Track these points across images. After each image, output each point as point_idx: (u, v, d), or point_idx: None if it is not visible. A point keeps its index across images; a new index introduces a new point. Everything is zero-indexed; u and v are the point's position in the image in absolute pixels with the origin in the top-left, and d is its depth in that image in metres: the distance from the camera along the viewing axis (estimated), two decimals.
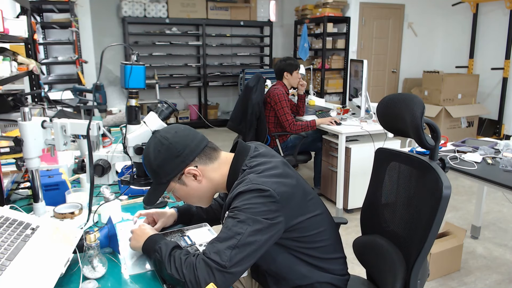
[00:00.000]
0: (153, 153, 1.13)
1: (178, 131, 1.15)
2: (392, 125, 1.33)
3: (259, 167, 1.12)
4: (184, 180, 1.16)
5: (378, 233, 1.38)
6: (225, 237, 1.01)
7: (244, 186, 1.06)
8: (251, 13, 6.88)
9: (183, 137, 1.14)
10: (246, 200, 1.04)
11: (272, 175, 1.09)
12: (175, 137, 1.13)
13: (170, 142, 1.12)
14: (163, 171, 1.14)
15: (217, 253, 0.99)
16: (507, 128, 5.95)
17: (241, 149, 1.20)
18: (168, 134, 1.14)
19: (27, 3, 3.08)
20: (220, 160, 1.20)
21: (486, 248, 2.87)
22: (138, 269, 1.15)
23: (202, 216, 1.43)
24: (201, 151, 1.16)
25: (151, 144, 1.14)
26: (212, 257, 0.99)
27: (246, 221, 1.01)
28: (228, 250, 0.99)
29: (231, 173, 1.17)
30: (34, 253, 1.02)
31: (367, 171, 1.47)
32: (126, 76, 1.20)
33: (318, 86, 6.78)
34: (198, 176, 1.15)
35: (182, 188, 1.17)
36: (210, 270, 0.98)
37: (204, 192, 1.19)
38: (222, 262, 0.98)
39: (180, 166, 1.13)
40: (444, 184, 1.09)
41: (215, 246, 1.01)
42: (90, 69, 5.56)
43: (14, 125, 2.18)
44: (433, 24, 7.03)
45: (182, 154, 1.12)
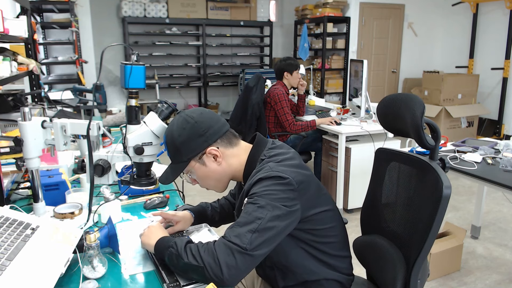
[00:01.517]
0: (177, 131, 1.14)
1: (203, 112, 1.18)
2: (392, 125, 1.33)
3: (278, 157, 1.15)
4: (204, 160, 1.17)
5: (378, 233, 1.38)
6: (245, 221, 1.02)
7: (264, 173, 1.08)
8: (251, 13, 6.87)
9: (208, 118, 1.17)
10: (266, 186, 1.06)
11: (290, 165, 1.12)
12: (200, 117, 1.16)
13: (196, 121, 1.15)
14: (185, 149, 1.15)
15: (238, 236, 1.00)
16: (507, 128, 5.95)
17: (260, 140, 1.23)
18: (194, 113, 1.17)
19: (27, 3, 3.08)
20: (239, 147, 1.22)
21: (486, 248, 2.87)
22: (138, 269, 1.15)
23: (215, 219, 1.44)
24: (224, 134, 1.18)
25: (176, 122, 1.16)
26: (232, 240, 1.00)
27: (266, 207, 1.03)
28: (248, 234, 1.00)
29: (249, 161, 1.19)
30: (34, 253, 1.02)
31: (367, 171, 1.47)
32: (126, 76, 1.20)
33: (318, 86, 6.78)
34: (219, 158, 1.17)
35: (201, 168, 1.18)
36: (230, 252, 0.98)
37: (222, 176, 1.21)
38: (243, 245, 0.99)
39: (203, 145, 1.15)
40: (444, 184, 1.09)
41: (235, 230, 1.02)
42: (90, 69, 5.56)
43: (14, 125, 2.18)
44: (433, 24, 7.03)
45: (206, 133, 1.15)
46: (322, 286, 1.21)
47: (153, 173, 1.32)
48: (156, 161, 1.69)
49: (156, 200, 1.57)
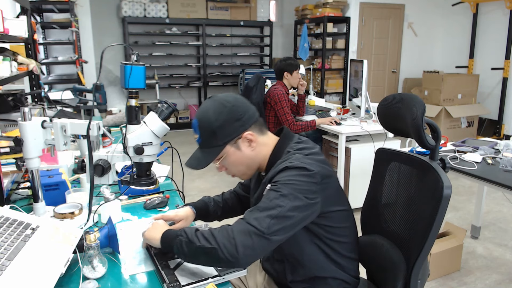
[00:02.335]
0: (214, 115, 1.13)
1: (238, 98, 1.18)
2: (393, 125, 1.33)
3: (305, 150, 1.16)
4: (239, 144, 1.16)
5: (378, 233, 1.38)
6: (265, 206, 1.03)
7: (290, 163, 1.09)
8: (251, 13, 6.87)
9: (243, 103, 1.17)
10: (291, 176, 1.06)
11: (317, 159, 1.13)
12: (236, 101, 1.16)
13: (233, 105, 1.14)
14: (222, 133, 1.13)
15: (256, 219, 1.01)
16: (507, 128, 5.95)
17: (287, 133, 1.24)
18: (229, 98, 1.16)
19: (27, 3, 3.08)
20: (268, 136, 1.23)
21: (486, 248, 2.86)
22: (138, 269, 1.15)
23: (217, 213, 1.45)
24: (256, 120, 1.19)
25: (211, 106, 1.14)
26: (251, 222, 1.00)
27: (288, 196, 1.03)
28: (267, 219, 1.00)
29: (275, 152, 1.19)
30: (34, 253, 1.02)
31: (367, 171, 1.47)
32: (126, 76, 1.20)
33: (318, 86, 6.78)
34: (253, 143, 1.17)
35: (235, 153, 1.17)
36: (248, 233, 0.99)
37: (253, 162, 1.20)
38: (261, 228, 0.99)
39: (239, 130, 1.15)
40: (445, 184, 1.09)
41: (254, 213, 1.03)
42: (90, 69, 5.56)
43: (14, 125, 2.18)
44: (433, 24, 7.03)
45: (242, 118, 1.14)
46: (328, 284, 1.21)
47: (153, 173, 1.32)
48: (156, 161, 1.70)
49: (156, 200, 1.57)
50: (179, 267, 1.11)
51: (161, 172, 1.89)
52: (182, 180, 1.69)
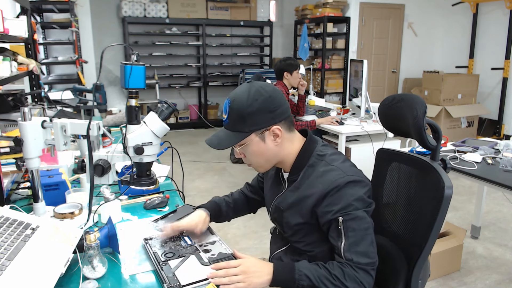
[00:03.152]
0: (248, 100, 1.10)
1: (276, 89, 1.15)
2: (394, 125, 1.33)
3: (338, 156, 1.17)
4: (265, 136, 1.14)
5: (379, 233, 1.38)
6: (359, 239, 1.06)
7: (339, 178, 1.09)
8: (251, 13, 6.88)
9: (280, 96, 1.14)
10: (353, 197, 1.07)
11: (353, 165, 1.16)
12: (273, 92, 1.13)
13: (270, 95, 1.11)
14: (252, 120, 1.11)
15: (365, 255, 1.06)
16: (507, 128, 5.95)
17: (312, 136, 1.23)
18: (268, 87, 1.13)
19: (27, 3, 3.08)
20: (295, 135, 1.21)
21: (486, 248, 2.86)
22: (138, 269, 1.15)
23: (229, 214, 1.44)
24: (288, 117, 1.17)
25: (248, 91, 1.11)
26: (363, 261, 1.06)
27: (363, 216, 1.08)
28: (371, 247, 1.08)
29: (302, 153, 1.18)
30: (34, 253, 1.02)
31: (367, 171, 1.47)
32: (126, 76, 1.20)
33: (318, 86, 6.78)
34: (278, 138, 1.15)
35: (259, 143, 1.14)
36: (367, 273, 1.06)
37: (274, 156, 1.18)
38: (373, 260, 1.07)
39: (270, 122, 1.12)
40: (446, 184, 1.09)
41: (356, 250, 1.06)
42: (90, 69, 5.56)
43: (14, 125, 2.18)
44: (433, 24, 7.03)
45: (276, 111, 1.12)
46: None
47: (153, 173, 1.32)
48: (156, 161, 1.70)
49: (156, 200, 1.57)
50: (179, 267, 1.11)
51: (161, 172, 1.89)
52: (182, 180, 1.69)
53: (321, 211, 1.10)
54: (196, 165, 4.79)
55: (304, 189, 1.14)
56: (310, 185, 1.13)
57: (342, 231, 1.07)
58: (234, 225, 3.23)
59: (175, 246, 1.22)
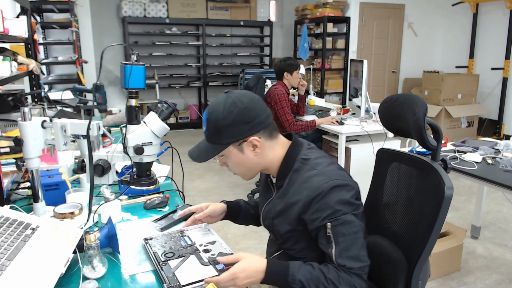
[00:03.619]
0: (224, 112, 1.09)
1: (253, 99, 1.13)
2: (394, 125, 1.33)
3: (323, 160, 1.16)
4: (243, 147, 1.14)
5: (379, 233, 1.38)
6: (349, 244, 1.06)
7: (323, 183, 1.07)
8: (251, 13, 6.87)
9: (257, 106, 1.12)
10: (339, 202, 1.06)
11: (339, 168, 1.16)
12: (250, 103, 1.11)
13: (245, 106, 1.10)
14: (227, 133, 1.11)
15: (356, 259, 1.07)
16: (507, 128, 5.95)
17: (297, 139, 1.23)
18: (244, 98, 1.11)
19: (27, 3, 3.08)
20: (278, 140, 1.20)
21: (486, 248, 2.86)
22: (138, 269, 1.15)
23: (250, 211, 1.45)
24: (267, 126, 1.15)
25: (224, 103, 1.10)
26: (356, 266, 1.06)
27: (351, 219, 1.07)
28: (361, 251, 1.08)
29: (287, 159, 1.18)
30: (34, 253, 1.02)
31: (367, 171, 1.47)
32: (126, 76, 1.20)
33: (318, 86, 6.78)
34: (258, 148, 1.14)
35: (237, 154, 1.15)
36: (360, 277, 1.07)
37: (255, 165, 1.18)
38: (365, 263, 1.08)
39: (246, 133, 1.11)
40: (447, 184, 1.09)
41: (347, 255, 1.06)
42: (90, 69, 5.56)
43: (14, 125, 2.18)
44: (433, 24, 7.03)
45: (252, 121, 1.11)
46: None
47: (153, 173, 1.32)
48: (156, 161, 1.70)
49: (156, 200, 1.57)
50: (179, 267, 1.11)
51: (161, 172, 1.89)
52: (182, 180, 1.69)
53: (309, 218, 1.09)
54: (196, 165, 4.79)
55: (290, 196, 1.14)
56: (296, 191, 1.13)
57: (331, 237, 1.06)
58: (234, 225, 3.21)
59: (175, 246, 1.22)
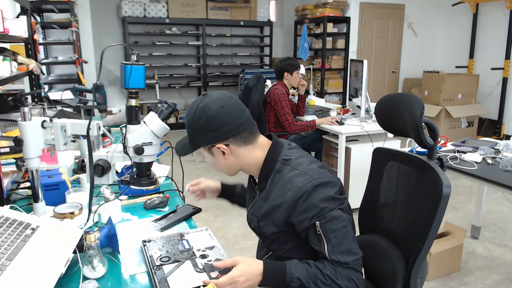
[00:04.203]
0: (194, 117, 1.13)
1: (225, 106, 1.11)
2: (391, 125, 1.33)
3: (304, 159, 1.17)
4: (213, 151, 1.16)
5: (376, 232, 1.38)
6: (340, 239, 1.07)
7: (307, 183, 1.08)
8: (251, 13, 6.87)
9: (226, 114, 1.11)
10: (324, 199, 1.08)
11: (321, 166, 1.16)
12: (218, 111, 1.10)
13: (212, 115, 1.10)
14: (196, 137, 1.15)
15: (349, 253, 1.08)
16: (507, 128, 5.95)
17: (277, 141, 1.23)
18: (214, 105, 1.10)
19: (27, 3, 3.08)
20: (255, 144, 1.19)
21: (486, 248, 2.86)
22: (138, 269, 1.15)
23: (244, 195, 1.50)
24: (238, 134, 1.14)
25: (196, 107, 1.13)
26: (350, 260, 1.07)
27: (338, 214, 1.08)
28: (353, 243, 1.09)
29: (267, 161, 1.18)
30: (34, 253, 1.02)
31: (367, 171, 1.48)
32: (126, 76, 1.20)
33: (318, 86, 6.78)
34: (227, 154, 1.16)
35: (209, 156, 1.19)
36: (356, 270, 1.08)
37: (230, 167, 1.21)
38: (358, 255, 1.10)
39: (212, 141, 1.14)
40: (444, 183, 1.09)
41: (340, 251, 1.07)
42: (90, 69, 5.56)
43: (14, 125, 2.18)
44: (433, 24, 7.03)
45: (218, 130, 1.12)
46: None
47: (153, 173, 1.32)
48: (156, 161, 1.70)
49: (156, 200, 1.57)
50: (173, 273, 1.09)
51: (161, 172, 1.89)
52: (182, 180, 1.69)
53: (296, 220, 1.09)
54: (196, 165, 4.79)
55: (274, 197, 1.14)
56: (279, 193, 1.13)
57: (322, 235, 1.07)
58: (234, 225, 3.23)
59: (171, 250, 1.21)
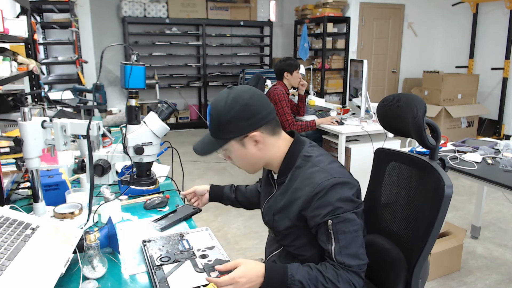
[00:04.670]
0: (225, 108, 1.10)
1: (254, 95, 1.13)
2: (393, 125, 1.33)
3: (325, 157, 1.16)
4: (245, 142, 1.14)
5: (377, 233, 1.38)
6: (349, 241, 1.07)
7: (325, 180, 1.08)
8: (251, 13, 6.88)
9: (258, 102, 1.13)
10: (341, 199, 1.07)
11: (340, 166, 1.16)
12: (251, 99, 1.11)
13: (246, 103, 1.10)
14: (229, 128, 1.12)
15: (355, 257, 1.07)
16: (507, 128, 5.95)
17: (299, 137, 1.23)
18: (246, 94, 1.12)
19: (27, 3, 3.08)
20: (280, 136, 1.20)
21: (486, 248, 2.86)
22: (138, 269, 1.15)
23: (230, 199, 1.55)
24: (268, 122, 1.15)
25: (225, 99, 1.11)
26: (354, 264, 1.06)
27: (352, 217, 1.08)
28: (360, 249, 1.09)
29: (289, 155, 1.18)
30: (34, 253, 1.02)
31: (367, 171, 1.47)
32: (126, 76, 1.20)
33: (318, 86, 6.78)
34: (260, 144, 1.15)
35: (240, 149, 1.16)
36: (358, 275, 1.07)
37: (258, 160, 1.19)
38: (364, 261, 1.08)
39: (247, 129, 1.12)
40: (446, 183, 1.09)
41: (347, 253, 1.06)
42: (90, 69, 5.56)
43: (14, 125, 2.18)
44: (433, 24, 7.03)
45: (253, 117, 1.11)
46: None
47: (153, 173, 1.32)
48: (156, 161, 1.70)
49: (156, 200, 1.57)
50: (173, 273, 1.09)
51: (161, 172, 1.89)
52: (182, 180, 1.69)
53: (310, 214, 1.10)
54: (196, 165, 4.79)
55: (292, 192, 1.14)
56: (298, 187, 1.13)
57: (332, 234, 1.07)
58: (234, 225, 3.23)
59: (172, 250, 1.20)
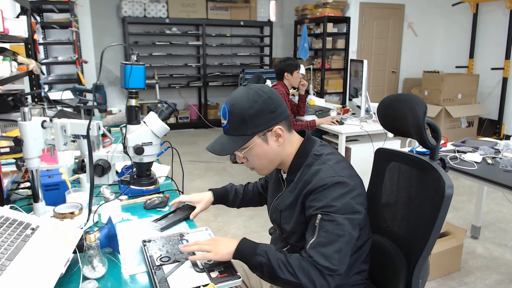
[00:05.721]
0: (249, 102, 1.10)
1: (273, 90, 1.15)
2: (393, 125, 1.33)
3: (333, 156, 1.16)
4: (268, 137, 1.14)
5: (377, 233, 1.38)
6: (327, 241, 1.04)
7: (328, 176, 1.08)
8: (251, 13, 6.87)
9: (278, 96, 1.14)
10: (337, 198, 1.06)
11: (349, 167, 1.16)
12: (272, 93, 1.13)
13: (269, 96, 1.12)
14: (254, 122, 1.11)
15: (326, 258, 1.03)
16: (507, 128, 5.95)
17: (310, 136, 1.24)
18: (265, 89, 1.14)
19: (27, 3, 3.08)
20: (294, 134, 1.21)
21: (486, 248, 2.86)
22: (138, 269, 1.15)
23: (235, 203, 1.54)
24: (287, 116, 1.17)
25: (246, 94, 1.11)
26: (322, 263, 1.03)
27: (342, 222, 1.05)
28: (336, 254, 1.04)
29: (300, 153, 1.19)
30: (34, 253, 1.02)
31: (367, 171, 1.47)
32: (126, 76, 1.20)
33: (318, 86, 6.78)
34: (281, 138, 1.15)
35: (262, 145, 1.14)
36: (321, 275, 1.03)
37: (276, 157, 1.19)
38: (334, 267, 1.03)
39: (271, 123, 1.12)
40: (447, 183, 1.09)
41: (320, 250, 1.04)
42: (90, 69, 5.56)
43: (14, 125, 2.18)
44: (433, 24, 7.03)
45: (276, 111, 1.12)
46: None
47: (153, 173, 1.32)
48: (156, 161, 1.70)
49: (156, 200, 1.57)
50: (173, 273, 1.09)
51: (161, 172, 1.89)
52: (182, 180, 1.69)
53: (307, 204, 1.12)
54: (196, 165, 4.79)
55: (300, 189, 1.15)
56: (305, 182, 1.14)
57: (316, 228, 1.07)
58: (234, 225, 3.23)
59: (172, 250, 1.20)
